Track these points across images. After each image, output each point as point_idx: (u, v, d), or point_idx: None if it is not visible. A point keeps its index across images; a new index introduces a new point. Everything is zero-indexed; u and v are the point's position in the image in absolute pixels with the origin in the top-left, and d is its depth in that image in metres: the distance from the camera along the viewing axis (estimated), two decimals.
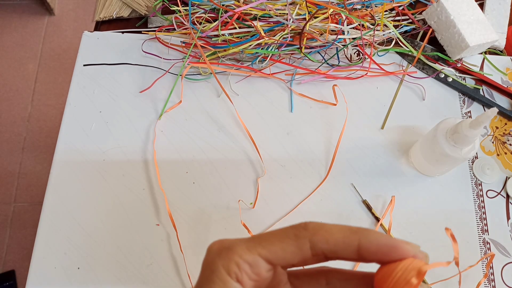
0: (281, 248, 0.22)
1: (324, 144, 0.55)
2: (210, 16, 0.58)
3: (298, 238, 0.22)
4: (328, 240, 0.21)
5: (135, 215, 0.50)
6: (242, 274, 0.22)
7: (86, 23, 1.62)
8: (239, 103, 0.56)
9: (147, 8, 0.62)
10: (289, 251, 0.22)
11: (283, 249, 0.22)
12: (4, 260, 1.27)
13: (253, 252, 0.22)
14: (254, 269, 0.22)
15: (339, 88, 0.57)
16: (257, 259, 0.22)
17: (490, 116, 0.38)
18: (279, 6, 0.57)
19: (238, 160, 0.53)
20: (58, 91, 1.51)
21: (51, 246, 0.48)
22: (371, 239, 0.21)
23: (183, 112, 0.56)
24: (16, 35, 1.59)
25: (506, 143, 0.56)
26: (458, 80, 0.58)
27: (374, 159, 0.54)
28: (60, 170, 0.52)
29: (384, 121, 0.56)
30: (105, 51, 0.59)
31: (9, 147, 1.42)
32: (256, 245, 0.22)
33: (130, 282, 0.47)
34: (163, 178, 0.52)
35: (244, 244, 0.22)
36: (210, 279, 0.22)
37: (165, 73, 0.57)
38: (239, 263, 0.22)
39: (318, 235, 0.22)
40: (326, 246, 0.21)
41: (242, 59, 0.58)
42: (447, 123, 0.46)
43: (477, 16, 0.57)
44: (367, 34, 0.57)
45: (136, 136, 0.54)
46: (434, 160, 0.48)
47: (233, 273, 0.22)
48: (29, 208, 1.34)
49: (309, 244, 0.22)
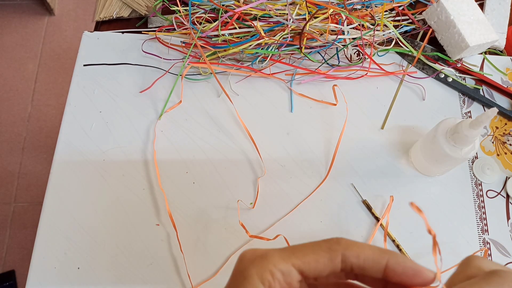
0: (315, 259, 0.23)
1: (324, 144, 0.55)
2: (210, 16, 0.58)
3: (331, 251, 0.23)
4: (359, 255, 0.23)
5: (135, 215, 0.50)
6: (275, 282, 0.22)
7: (86, 23, 1.62)
8: (239, 103, 0.56)
9: (147, 8, 0.62)
10: (321, 262, 0.23)
11: (316, 260, 0.23)
12: (4, 260, 1.27)
13: (287, 261, 0.23)
14: (287, 278, 0.23)
15: (339, 88, 0.57)
16: (290, 269, 0.22)
17: (490, 116, 0.38)
18: (279, 6, 0.57)
19: (238, 160, 0.53)
20: (58, 91, 1.51)
21: (51, 246, 0.48)
22: (399, 260, 0.23)
23: (183, 112, 0.56)
24: (16, 35, 1.59)
25: (506, 143, 0.56)
26: (458, 80, 0.58)
27: (374, 159, 0.54)
28: (60, 170, 0.52)
29: (384, 121, 0.56)
30: (105, 51, 0.59)
31: (9, 147, 1.42)
32: (290, 255, 0.23)
33: (130, 282, 0.47)
34: (163, 178, 0.52)
35: (278, 254, 0.23)
36: (242, 285, 0.22)
37: (165, 73, 0.57)
38: (273, 272, 0.22)
39: (350, 250, 0.23)
40: (356, 261, 0.23)
41: (242, 59, 0.58)
42: (447, 123, 0.46)
43: (477, 16, 0.57)
44: (367, 34, 0.57)
45: (136, 136, 0.54)
46: (434, 160, 0.48)
47: (266, 281, 0.22)
48: (29, 208, 1.34)
49: (341, 257, 0.23)
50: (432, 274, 0.23)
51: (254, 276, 0.22)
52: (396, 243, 0.49)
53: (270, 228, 0.50)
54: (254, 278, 0.22)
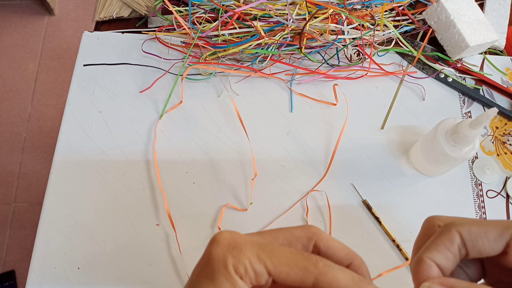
0: (287, 272, 0.23)
1: (324, 144, 0.55)
2: (210, 16, 0.58)
3: (307, 272, 0.23)
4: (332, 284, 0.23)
5: (135, 215, 0.50)
6: (246, 278, 0.23)
7: (86, 23, 1.62)
8: (239, 103, 0.56)
9: (147, 8, 0.62)
10: (292, 277, 0.23)
11: (288, 274, 0.23)
12: (4, 260, 1.27)
13: (262, 263, 0.23)
14: (258, 278, 0.23)
15: (339, 88, 0.57)
16: (262, 271, 0.23)
17: (490, 116, 0.38)
18: (279, 6, 0.57)
19: (238, 160, 0.53)
20: (58, 91, 1.51)
21: (51, 246, 0.48)
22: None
23: (183, 112, 0.56)
24: (16, 35, 1.59)
25: (506, 143, 0.56)
26: (458, 80, 0.58)
27: (374, 159, 0.54)
28: (60, 170, 0.52)
29: (384, 121, 0.56)
30: (105, 51, 0.59)
31: (9, 147, 1.42)
32: (266, 258, 0.23)
33: (130, 282, 0.47)
34: (163, 178, 0.52)
35: (255, 250, 0.23)
36: (220, 272, 0.23)
37: (165, 73, 0.57)
38: (247, 268, 0.23)
39: (325, 277, 0.23)
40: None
41: (242, 59, 0.58)
42: (447, 123, 0.46)
43: (477, 16, 0.57)
44: (367, 34, 0.57)
45: (136, 136, 0.54)
46: (434, 160, 0.48)
47: (239, 274, 0.23)
48: (29, 208, 1.34)
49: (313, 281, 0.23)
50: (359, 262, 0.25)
51: (230, 267, 0.23)
52: (396, 243, 0.49)
53: (269, 227, 0.50)
54: (230, 269, 0.23)
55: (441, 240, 0.25)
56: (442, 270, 0.25)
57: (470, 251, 0.25)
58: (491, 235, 0.24)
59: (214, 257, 0.24)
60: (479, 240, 0.24)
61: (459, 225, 0.25)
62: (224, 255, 0.23)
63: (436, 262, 0.24)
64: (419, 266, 0.25)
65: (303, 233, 0.26)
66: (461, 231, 0.24)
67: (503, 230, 0.24)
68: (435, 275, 0.24)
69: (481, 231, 0.24)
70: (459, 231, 0.24)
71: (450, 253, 0.25)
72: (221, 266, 0.23)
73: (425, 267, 0.24)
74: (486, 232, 0.24)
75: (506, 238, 0.24)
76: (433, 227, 0.27)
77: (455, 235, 0.24)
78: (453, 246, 0.24)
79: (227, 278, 0.23)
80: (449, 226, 0.25)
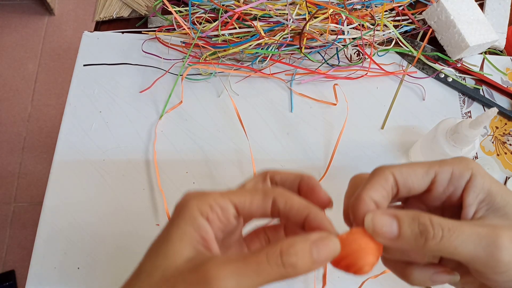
0: (250, 200, 0.26)
1: (324, 144, 0.55)
2: (210, 16, 0.58)
3: (265, 196, 0.26)
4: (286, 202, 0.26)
5: (135, 215, 0.50)
6: (213, 214, 0.25)
7: (86, 23, 1.62)
8: (239, 103, 0.56)
9: (147, 8, 0.62)
10: (255, 204, 0.26)
11: (251, 201, 0.26)
12: (4, 260, 1.27)
13: (225, 198, 0.26)
14: (224, 213, 0.25)
15: (339, 87, 0.57)
16: (228, 205, 0.25)
17: (490, 116, 0.38)
18: (279, 6, 0.57)
19: (238, 160, 0.53)
20: (58, 91, 1.51)
21: (51, 246, 0.48)
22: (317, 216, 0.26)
23: (183, 112, 0.56)
24: (16, 35, 1.59)
25: (506, 143, 0.56)
26: (458, 80, 0.58)
27: (374, 159, 0.54)
28: (60, 170, 0.52)
29: (384, 121, 0.56)
30: (105, 51, 0.59)
31: (9, 147, 1.42)
32: (229, 194, 0.26)
33: None
34: (163, 178, 0.52)
35: (218, 193, 0.26)
36: (181, 215, 0.25)
37: (165, 73, 0.57)
38: (212, 205, 0.25)
39: (280, 197, 0.26)
40: (283, 208, 0.26)
41: (242, 59, 0.58)
42: (447, 123, 0.46)
43: (477, 16, 0.57)
44: (367, 34, 0.57)
45: (136, 136, 0.54)
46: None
47: (205, 212, 0.25)
48: (29, 208, 1.34)
49: (272, 202, 0.26)
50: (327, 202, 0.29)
51: (194, 208, 0.25)
52: None
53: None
54: (194, 209, 0.25)
55: (376, 180, 0.27)
56: (378, 207, 0.27)
57: (400, 189, 0.27)
58: (419, 173, 0.27)
59: (178, 205, 0.26)
60: (409, 179, 0.27)
61: (392, 167, 0.27)
62: (188, 200, 0.25)
63: (374, 199, 0.27)
64: (359, 203, 0.27)
65: (258, 175, 0.31)
66: (393, 171, 0.27)
67: (429, 169, 0.27)
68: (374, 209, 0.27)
69: (411, 171, 0.27)
70: (392, 171, 0.27)
71: (385, 191, 0.27)
72: (183, 208, 0.25)
73: (365, 204, 0.26)
74: (415, 171, 0.27)
75: (431, 175, 0.27)
76: (361, 179, 0.30)
77: (389, 175, 0.27)
78: (387, 184, 0.27)
79: (186, 217, 0.24)
80: (382, 169, 0.27)
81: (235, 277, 0.22)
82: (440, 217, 0.25)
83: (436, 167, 0.27)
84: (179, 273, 0.23)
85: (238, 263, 0.22)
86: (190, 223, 0.24)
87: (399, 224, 0.25)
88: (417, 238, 0.24)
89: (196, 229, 0.24)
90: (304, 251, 0.23)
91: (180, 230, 0.24)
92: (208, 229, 0.25)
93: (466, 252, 0.23)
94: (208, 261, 0.23)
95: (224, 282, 0.21)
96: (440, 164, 0.27)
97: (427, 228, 0.24)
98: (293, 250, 0.23)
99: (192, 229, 0.24)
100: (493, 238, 0.23)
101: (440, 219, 0.24)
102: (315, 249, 0.23)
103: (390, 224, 0.25)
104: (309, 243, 0.23)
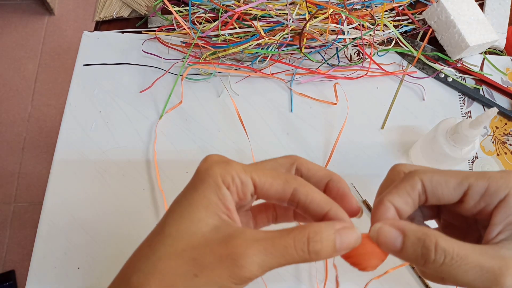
0: (270, 183, 0.26)
1: (324, 144, 0.55)
2: (210, 16, 0.58)
3: (287, 183, 0.26)
4: (307, 196, 0.26)
5: (135, 215, 0.50)
6: (233, 186, 0.25)
7: (86, 23, 1.62)
8: (239, 103, 0.56)
9: (147, 8, 0.62)
10: (274, 188, 0.26)
11: (271, 184, 0.26)
12: (4, 260, 1.27)
13: (248, 174, 0.25)
14: (244, 188, 0.25)
15: (340, 87, 0.57)
16: (248, 181, 0.25)
17: (490, 116, 0.38)
18: (279, 6, 0.57)
19: (238, 160, 0.53)
20: (58, 91, 1.51)
21: (51, 246, 0.48)
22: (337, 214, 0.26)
23: (183, 112, 0.56)
24: (16, 35, 1.59)
25: (506, 143, 0.56)
26: (458, 80, 0.58)
27: (374, 159, 0.54)
28: (60, 170, 0.52)
29: (384, 121, 0.56)
30: (105, 51, 0.59)
31: (9, 147, 1.42)
32: (252, 170, 0.26)
33: None
34: (163, 178, 0.52)
35: (241, 165, 0.26)
36: (205, 180, 0.25)
37: (165, 73, 0.57)
38: (234, 178, 0.25)
39: (302, 188, 0.26)
40: (303, 200, 0.26)
41: (242, 59, 0.58)
42: (447, 123, 0.46)
43: (477, 16, 0.57)
44: (367, 34, 0.57)
45: (136, 136, 0.54)
46: (434, 160, 0.48)
47: (226, 182, 0.25)
48: (29, 208, 1.34)
49: (293, 191, 0.26)
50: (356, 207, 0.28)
51: (217, 176, 0.25)
52: None
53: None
54: (218, 178, 0.25)
55: (403, 185, 0.26)
56: (400, 213, 0.26)
57: (429, 198, 0.26)
58: (451, 184, 0.26)
59: (201, 170, 0.26)
60: (439, 189, 0.26)
61: (422, 173, 0.26)
62: (211, 166, 0.25)
63: (395, 205, 0.26)
64: (378, 208, 0.26)
65: (285, 160, 0.29)
66: (423, 178, 0.26)
67: (462, 180, 0.26)
68: (390, 217, 0.26)
69: (442, 180, 0.26)
70: (422, 178, 0.26)
71: (410, 199, 0.26)
72: (206, 175, 0.25)
73: (384, 209, 0.26)
74: (447, 181, 0.26)
75: (464, 187, 0.26)
76: (399, 174, 0.29)
77: (417, 182, 0.26)
78: (414, 192, 0.26)
79: (211, 185, 0.24)
80: (413, 174, 0.26)
81: (261, 256, 0.22)
82: (451, 239, 0.24)
83: (472, 180, 0.25)
84: (207, 243, 0.23)
85: (266, 244, 0.23)
86: (214, 191, 0.24)
87: (404, 240, 0.24)
88: (417, 258, 0.24)
89: (221, 198, 0.24)
90: (328, 239, 0.23)
91: (205, 198, 0.24)
92: (231, 199, 0.25)
93: (464, 281, 0.23)
94: (237, 235, 0.23)
95: (251, 259, 0.22)
96: (476, 176, 0.26)
97: (429, 253, 0.23)
98: (319, 237, 0.23)
99: (217, 198, 0.24)
100: (496, 275, 0.22)
101: (448, 243, 0.23)
102: (338, 237, 0.23)
103: (395, 237, 0.25)
104: (334, 231, 0.23)
